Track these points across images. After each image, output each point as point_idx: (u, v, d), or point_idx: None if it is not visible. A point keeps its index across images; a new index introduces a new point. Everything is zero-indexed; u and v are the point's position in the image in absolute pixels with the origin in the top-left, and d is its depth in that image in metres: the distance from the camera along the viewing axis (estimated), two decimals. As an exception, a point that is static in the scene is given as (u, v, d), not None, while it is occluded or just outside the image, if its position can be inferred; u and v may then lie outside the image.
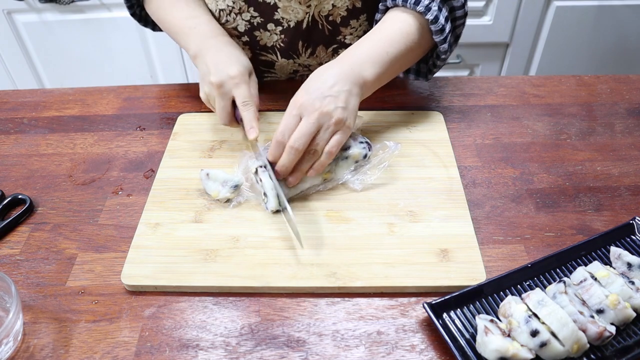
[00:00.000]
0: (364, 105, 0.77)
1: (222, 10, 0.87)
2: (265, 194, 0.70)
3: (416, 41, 0.76)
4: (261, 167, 0.71)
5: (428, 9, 0.74)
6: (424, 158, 0.78)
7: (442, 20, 0.75)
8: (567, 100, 0.92)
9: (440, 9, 0.75)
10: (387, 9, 0.80)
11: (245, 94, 0.74)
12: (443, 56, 0.80)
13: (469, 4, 1.62)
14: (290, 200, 0.72)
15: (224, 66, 0.75)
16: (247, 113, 0.74)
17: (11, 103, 0.95)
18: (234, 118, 0.78)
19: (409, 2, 0.75)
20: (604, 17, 1.65)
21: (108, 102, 0.94)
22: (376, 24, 0.78)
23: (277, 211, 0.70)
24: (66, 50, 1.75)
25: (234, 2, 0.84)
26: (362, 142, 0.75)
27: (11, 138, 0.87)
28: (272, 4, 0.82)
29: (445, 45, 0.77)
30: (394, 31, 0.75)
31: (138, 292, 0.63)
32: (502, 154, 0.81)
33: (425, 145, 0.81)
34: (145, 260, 0.65)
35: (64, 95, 0.97)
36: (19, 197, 0.74)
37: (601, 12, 1.63)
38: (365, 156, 0.74)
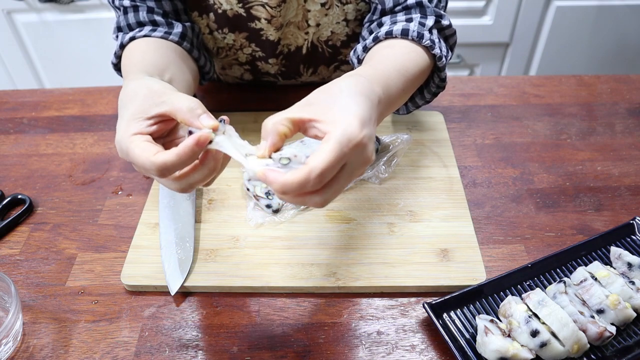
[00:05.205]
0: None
1: (222, 47, 0.85)
2: (269, 193, 0.70)
3: (423, 73, 0.66)
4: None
5: (432, 42, 0.65)
6: (424, 158, 0.78)
7: (443, 52, 0.67)
8: (568, 100, 0.92)
9: (439, 40, 0.68)
10: (376, 39, 0.67)
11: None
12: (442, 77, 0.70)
13: (470, 4, 1.64)
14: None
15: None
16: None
17: (11, 103, 0.95)
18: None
19: (410, 35, 0.64)
20: (604, 17, 1.64)
21: (108, 102, 0.94)
22: (365, 51, 0.68)
23: (277, 210, 0.70)
24: (66, 50, 1.75)
25: (234, 41, 0.83)
26: None
27: (11, 138, 0.87)
28: (274, 40, 0.81)
29: (445, 73, 0.70)
30: (406, 61, 0.63)
31: (138, 292, 0.63)
32: (502, 153, 0.81)
33: (425, 145, 0.81)
34: (145, 260, 0.65)
35: (63, 95, 0.97)
36: (19, 197, 0.74)
37: (601, 12, 1.63)
38: (376, 150, 0.75)
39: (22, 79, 1.83)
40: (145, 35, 0.71)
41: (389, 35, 0.65)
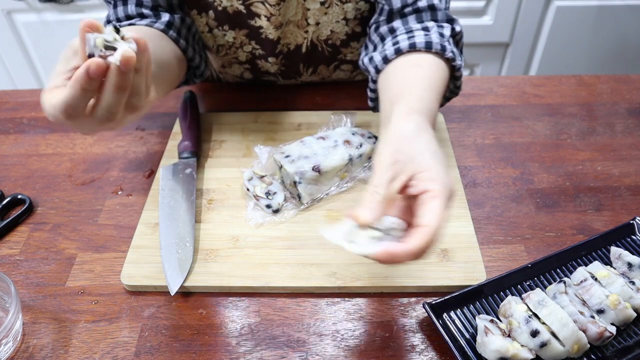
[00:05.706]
0: (364, 106, 0.77)
1: (222, 45, 0.85)
2: (269, 193, 0.70)
3: (447, 86, 0.68)
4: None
5: (454, 53, 0.67)
6: (424, 158, 0.78)
7: (461, 61, 0.69)
8: (568, 100, 0.92)
9: (455, 48, 0.69)
10: (398, 52, 0.67)
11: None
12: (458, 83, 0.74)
13: (470, 4, 1.64)
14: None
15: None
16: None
17: (11, 103, 0.95)
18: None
19: (434, 48, 0.65)
20: (604, 17, 1.65)
21: (108, 102, 0.94)
22: (385, 62, 0.68)
23: (277, 210, 0.70)
24: (66, 50, 1.75)
25: (234, 38, 0.83)
26: (370, 138, 0.76)
27: (11, 138, 0.87)
28: (274, 39, 0.81)
29: (461, 81, 0.73)
30: (437, 80, 0.65)
31: (138, 292, 0.63)
32: (502, 153, 0.81)
33: (425, 145, 0.81)
34: (145, 261, 0.65)
35: (63, 95, 0.96)
36: (19, 197, 0.74)
37: (601, 12, 1.63)
38: None
39: (22, 79, 1.83)
40: (130, 24, 0.72)
41: (413, 48, 0.66)
